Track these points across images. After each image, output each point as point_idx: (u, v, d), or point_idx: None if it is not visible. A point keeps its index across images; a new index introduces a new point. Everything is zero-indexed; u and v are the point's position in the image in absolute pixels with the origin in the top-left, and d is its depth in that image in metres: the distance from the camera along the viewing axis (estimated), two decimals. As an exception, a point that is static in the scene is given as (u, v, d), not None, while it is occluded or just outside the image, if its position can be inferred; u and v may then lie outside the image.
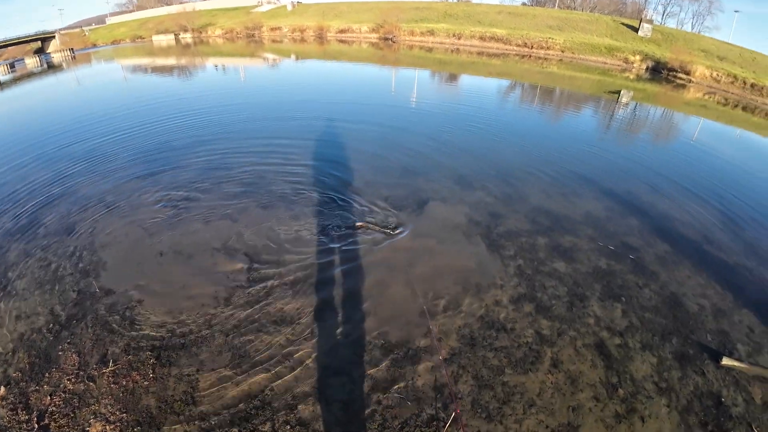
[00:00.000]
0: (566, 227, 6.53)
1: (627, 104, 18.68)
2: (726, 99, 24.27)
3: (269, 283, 4.81)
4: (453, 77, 21.98)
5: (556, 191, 7.74)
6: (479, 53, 30.22)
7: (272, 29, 42.16)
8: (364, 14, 39.30)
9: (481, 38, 32.53)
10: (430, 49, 32.19)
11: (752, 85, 25.86)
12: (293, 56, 26.75)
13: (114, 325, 4.23)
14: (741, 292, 5.47)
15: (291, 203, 6.61)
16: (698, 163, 11.09)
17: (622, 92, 21.17)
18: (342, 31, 38.99)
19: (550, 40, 30.58)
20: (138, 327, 4.21)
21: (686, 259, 6.06)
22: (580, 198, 7.60)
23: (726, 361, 4.37)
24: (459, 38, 33.57)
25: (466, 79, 21.66)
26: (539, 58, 29.58)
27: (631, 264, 5.79)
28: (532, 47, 30.62)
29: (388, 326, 4.32)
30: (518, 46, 31.00)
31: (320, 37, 38.20)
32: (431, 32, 34.76)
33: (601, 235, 6.44)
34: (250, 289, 4.72)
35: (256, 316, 4.35)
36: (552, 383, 3.88)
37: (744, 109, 22.81)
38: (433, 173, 8.04)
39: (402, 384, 3.71)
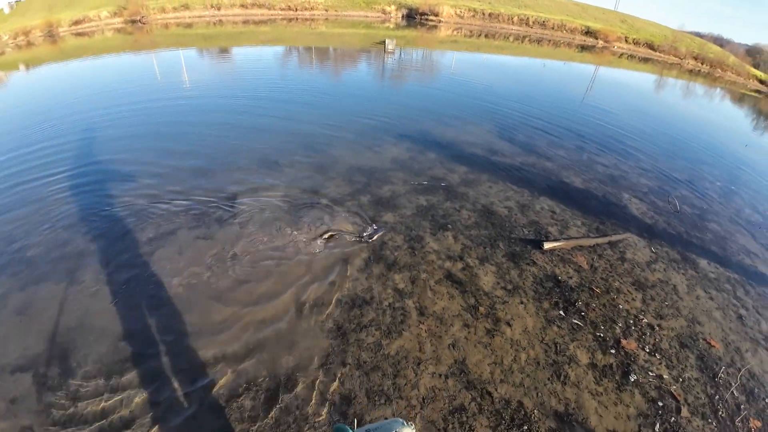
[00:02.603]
0: (381, 178, 6.65)
1: (393, 51, 20.30)
2: (471, 31, 29.09)
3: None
4: (225, 51, 20.03)
5: (360, 147, 7.79)
6: (245, 22, 28.27)
7: (-14, 41, 30.38)
8: (101, -3, 31.84)
9: (243, 6, 30.31)
10: (189, 25, 28.52)
11: (490, 15, 31.52)
12: (22, 66, 20.07)
13: None
14: (533, 185, 6.61)
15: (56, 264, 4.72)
16: (462, 90, 12.90)
17: (386, 41, 22.83)
18: (77, 23, 30.85)
19: (312, 0, 30.62)
20: None
21: (483, 173, 6.97)
22: (383, 147, 7.86)
23: (547, 245, 5.19)
24: (219, 9, 30.56)
25: (239, 51, 20.01)
26: (306, 19, 29.47)
27: (444, 193, 6.31)
28: (296, 9, 30.16)
29: (244, 363, 3.56)
30: (282, 9, 30.09)
31: (51, 36, 29.75)
32: (186, 6, 30.59)
33: (411, 175, 6.81)
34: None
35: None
36: (426, 332, 3.91)
37: (486, 36, 27.81)
38: (232, 161, 6.99)
39: (288, 419, 3.14)
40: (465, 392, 3.43)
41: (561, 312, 4.32)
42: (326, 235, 5.08)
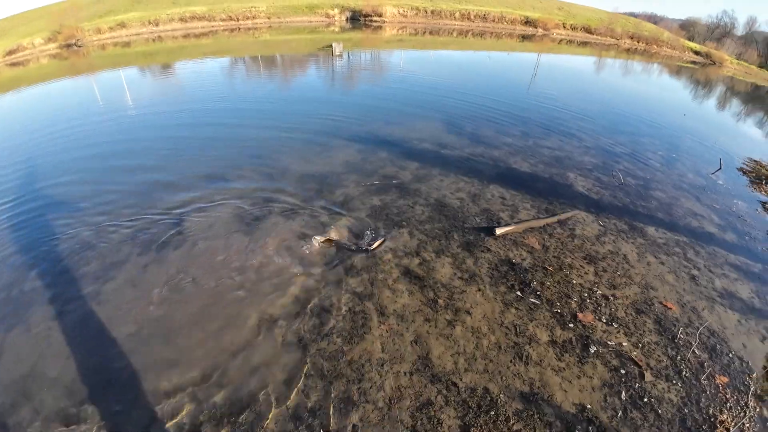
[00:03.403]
0: (333, 182, 6.58)
1: (341, 54, 20.27)
2: (415, 29, 29.56)
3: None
4: (167, 67, 19.31)
5: (311, 153, 7.65)
6: (185, 36, 27.33)
7: None
8: (33, 24, 29.78)
9: (182, 20, 29.36)
10: (127, 44, 27.35)
11: (432, 12, 32.14)
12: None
13: None
14: (483, 174, 6.75)
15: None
16: (412, 87, 13.04)
17: (333, 45, 22.76)
18: (11, 53, 28.85)
19: (254, 8, 30.04)
20: None
21: (433, 167, 7.06)
22: (334, 151, 7.78)
23: (499, 231, 5.30)
24: (157, 24, 29.49)
25: (182, 67, 19.35)
26: (249, 28, 28.87)
27: (396, 191, 6.33)
28: (238, 19, 29.53)
29: (204, 391, 3.42)
30: (223, 20, 29.37)
31: (-15, 70, 27.47)
32: (122, 25, 29.32)
33: (363, 176, 6.78)
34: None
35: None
36: (388, 332, 3.89)
37: (431, 33, 28.30)
38: (178, 178, 6.71)
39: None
40: (431, 386, 3.44)
41: (517, 294, 4.42)
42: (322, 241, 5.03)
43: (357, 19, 31.69)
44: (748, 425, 3.41)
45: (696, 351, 4.02)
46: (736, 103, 20.58)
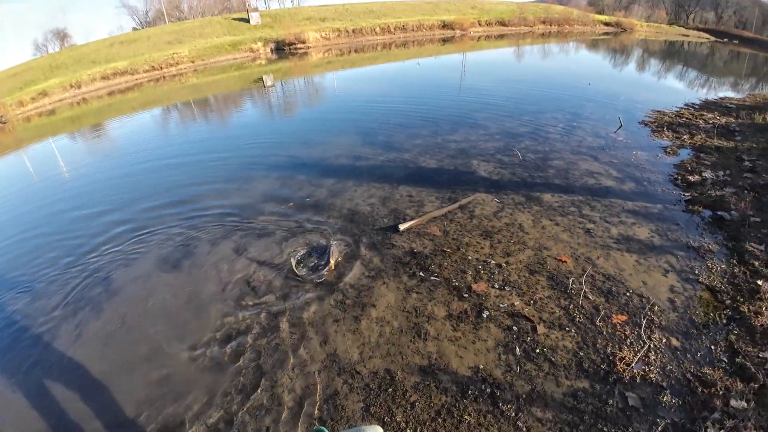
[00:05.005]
0: (253, 212, 6.81)
1: (273, 85, 20.67)
2: (341, 50, 30.44)
3: None
4: (97, 128, 18.96)
5: (230, 188, 7.80)
6: (110, 93, 26.90)
7: None
8: (-47, 108, 28.90)
9: (104, 78, 28.90)
10: (52, 112, 26.55)
11: (353, 30, 33.25)
12: None
13: None
14: (392, 178, 7.26)
15: None
16: (342, 107, 13.54)
17: (264, 78, 23.14)
18: None
19: (176, 55, 30.06)
20: None
21: (348, 179, 7.49)
22: (254, 182, 7.98)
23: (402, 226, 5.75)
24: (79, 87, 28.89)
25: (112, 125, 19.06)
26: (174, 75, 28.74)
27: (311, 209, 6.67)
28: (161, 68, 29.36)
29: (133, 426, 3.63)
30: (147, 71, 29.13)
31: None
32: (44, 93, 28.54)
33: (281, 200, 7.08)
34: None
35: None
36: (299, 338, 4.22)
37: (356, 51, 29.22)
38: (96, 227, 6.86)
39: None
40: (337, 378, 3.78)
41: (418, 279, 4.85)
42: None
43: (282, 50, 32.25)
44: (654, 357, 3.63)
45: (589, 297, 4.34)
46: (645, 62, 22.30)
